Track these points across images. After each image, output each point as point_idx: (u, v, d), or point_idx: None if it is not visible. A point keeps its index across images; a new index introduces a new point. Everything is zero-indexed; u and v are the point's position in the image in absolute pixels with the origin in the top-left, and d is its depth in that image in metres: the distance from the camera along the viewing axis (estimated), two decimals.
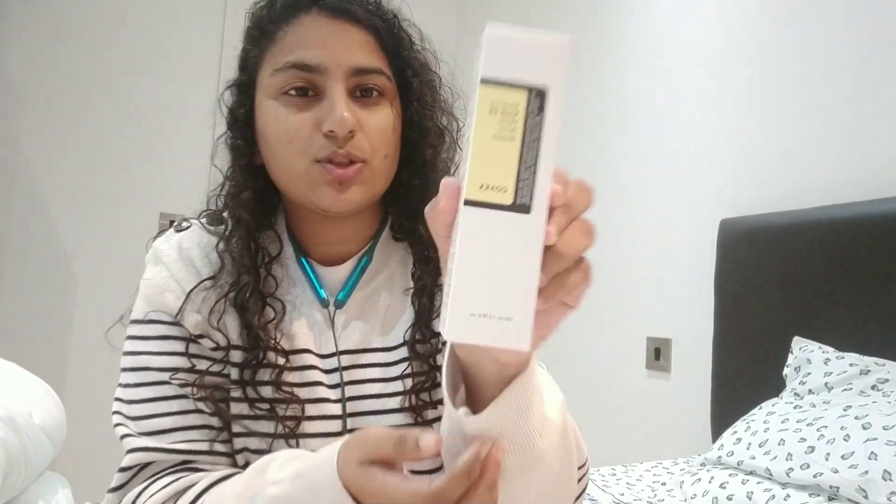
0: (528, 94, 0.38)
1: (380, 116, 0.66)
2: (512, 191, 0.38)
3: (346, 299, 0.70)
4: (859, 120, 1.57)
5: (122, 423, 0.63)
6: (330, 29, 0.65)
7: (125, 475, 0.62)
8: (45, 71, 2.47)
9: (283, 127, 0.64)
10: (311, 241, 0.72)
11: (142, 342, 0.65)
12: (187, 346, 0.65)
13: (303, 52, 0.64)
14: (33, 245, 2.43)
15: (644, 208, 2.11)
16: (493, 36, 0.38)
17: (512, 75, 0.38)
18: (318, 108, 0.64)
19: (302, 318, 0.69)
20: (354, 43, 0.65)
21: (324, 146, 0.63)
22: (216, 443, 0.64)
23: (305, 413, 0.65)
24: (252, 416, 0.64)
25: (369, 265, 0.72)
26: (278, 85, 0.65)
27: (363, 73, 0.65)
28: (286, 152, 0.64)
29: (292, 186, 0.66)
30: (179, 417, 0.63)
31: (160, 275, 0.67)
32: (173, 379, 0.64)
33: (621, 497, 1.31)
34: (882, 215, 1.42)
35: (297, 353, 0.67)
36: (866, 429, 1.08)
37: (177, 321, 0.65)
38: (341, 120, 0.62)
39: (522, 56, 0.38)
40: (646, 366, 2.05)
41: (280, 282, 0.68)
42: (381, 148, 0.66)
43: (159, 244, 0.70)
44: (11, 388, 1.04)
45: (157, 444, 0.62)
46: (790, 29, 1.74)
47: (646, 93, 2.16)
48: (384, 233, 0.74)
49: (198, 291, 0.66)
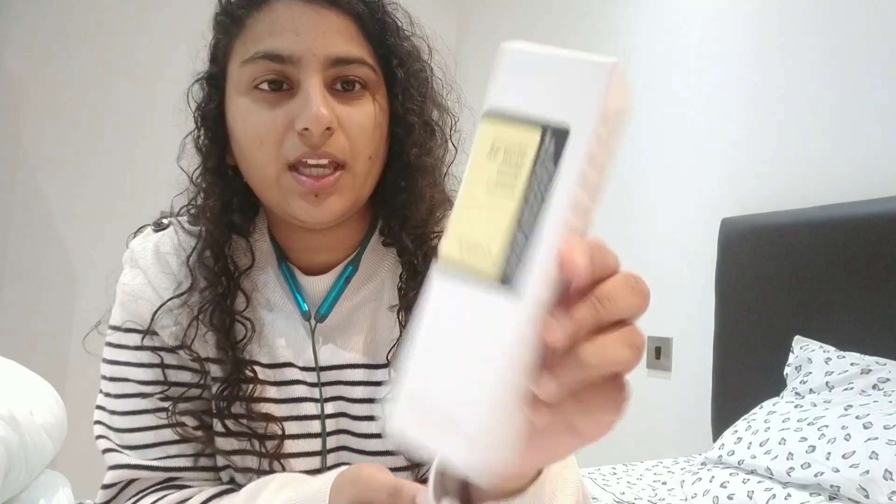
0: (542, 134, 0.28)
1: (362, 112, 0.58)
2: (497, 259, 0.28)
3: (329, 313, 0.63)
4: (860, 120, 1.57)
5: (104, 436, 0.61)
6: (305, 14, 0.57)
7: (109, 492, 0.60)
8: (45, 70, 2.47)
9: (252, 126, 0.57)
10: (293, 248, 0.65)
11: (120, 351, 0.62)
12: (163, 359, 0.61)
13: (274, 41, 0.56)
14: (33, 245, 2.44)
15: (645, 208, 2.11)
16: (510, 53, 0.30)
17: (525, 107, 0.29)
18: (291, 104, 0.56)
19: (283, 330, 0.63)
20: (333, 29, 0.57)
21: (296, 146, 0.56)
22: (201, 457, 0.62)
23: (288, 431, 0.61)
24: (234, 433, 0.61)
25: (354, 275, 0.65)
26: (248, 78, 0.57)
27: (342, 64, 0.57)
28: (257, 155, 0.57)
29: (265, 193, 0.59)
30: (161, 432, 0.60)
31: (136, 280, 0.64)
32: (152, 392, 0.61)
33: (622, 496, 1.31)
34: (882, 215, 1.42)
35: (278, 367, 0.63)
36: (867, 428, 1.08)
37: (154, 331, 0.62)
38: (317, 116, 0.54)
39: (545, 82, 0.29)
40: (646, 365, 2.05)
41: (250, 295, 0.62)
42: (364, 149, 0.58)
43: (136, 245, 0.66)
44: (12, 387, 1.04)
45: (140, 460, 0.60)
46: (790, 29, 1.74)
47: (646, 93, 2.15)
48: (372, 239, 0.66)
49: (174, 301, 0.61)
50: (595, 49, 2.35)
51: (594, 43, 2.38)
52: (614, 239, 1.88)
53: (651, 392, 2.03)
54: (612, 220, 2.20)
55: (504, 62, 0.30)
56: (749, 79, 1.83)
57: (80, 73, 2.52)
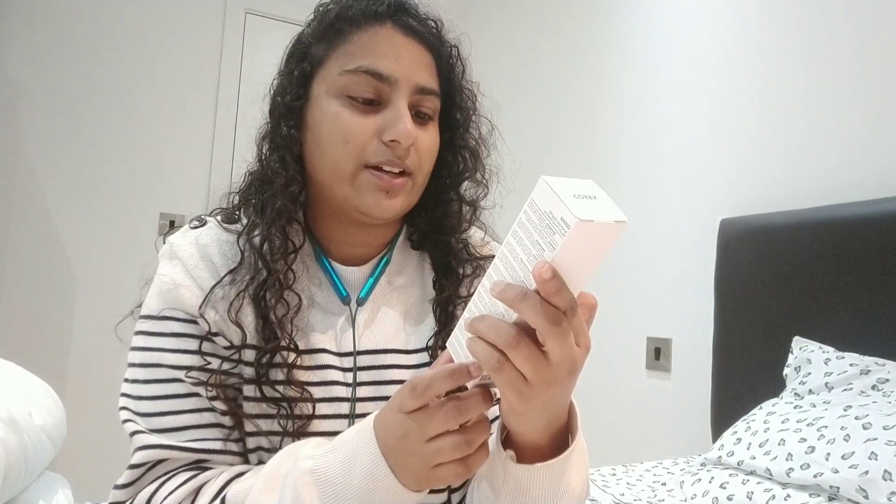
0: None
1: (430, 136, 0.69)
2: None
3: (368, 297, 0.71)
4: (859, 120, 1.57)
5: (131, 420, 0.62)
6: (403, 44, 0.67)
7: (135, 472, 0.61)
8: (45, 71, 2.47)
9: (341, 127, 0.65)
10: (333, 240, 0.72)
11: (154, 338, 0.64)
12: (201, 344, 0.64)
13: (376, 60, 0.65)
14: (33, 245, 2.43)
15: (644, 208, 2.11)
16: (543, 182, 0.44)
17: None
18: (381, 116, 0.65)
19: (320, 317, 0.69)
20: (422, 62, 0.68)
21: (381, 153, 0.65)
22: (229, 441, 0.64)
23: (319, 412, 0.65)
24: (264, 415, 0.64)
25: (389, 266, 0.74)
26: (345, 85, 0.65)
27: (424, 93, 0.68)
28: (339, 152, 0.65)
29: (335, 185, 0.67)
30: (193, 415, 0.62)
31: (175, 270, 0.66)
32: (187, 377, 0.63)
33: (621, 497, 1.31)
34: (882, 215, 1.42)
35: (313, 353, 0.67)
36: (866, 429, 1.08)
37: (192, 318, 0.65)
38: (407, 132, 0.64)
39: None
40: (646, 366, 2.05)
41: (299, 277, 0.68)
42: (427, 165, 0.69)
43: (175, 239, 0.69)
44: (11, 388, 1.04)
45: (170, 441, 0.61)
46: (790, 29, 1.74)
47: (646, 93, 2.16)
48: (400, 239, 0.76)
49: (216, 289, 0.65)
50: (596, 48, 2.36)
51: (594, 43, 2.38)
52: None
53: (650, 393, 2.03)
54: None
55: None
56: (749, 79, 1.84)
57: (79, 75, 2.52)
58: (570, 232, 0.41)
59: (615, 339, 2.16)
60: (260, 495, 0.55)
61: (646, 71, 2.16)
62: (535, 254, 0.44)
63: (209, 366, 0.64)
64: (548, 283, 0.43)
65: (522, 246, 0.45)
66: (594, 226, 0.41)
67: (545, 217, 0.43)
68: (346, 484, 0.52)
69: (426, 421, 0.51)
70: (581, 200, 0.42)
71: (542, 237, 0.43)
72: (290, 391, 0.64)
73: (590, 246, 0.42)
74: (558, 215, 0.42)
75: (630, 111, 2.21)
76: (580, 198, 0.42)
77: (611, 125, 2.28)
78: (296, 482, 0.53)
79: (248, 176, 0.72)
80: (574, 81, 2.46)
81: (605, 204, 0.43)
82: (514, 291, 0.45)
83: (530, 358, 0.46)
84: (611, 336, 2.17)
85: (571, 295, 0.44)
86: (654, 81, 2.13)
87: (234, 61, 2.78)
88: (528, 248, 0.45)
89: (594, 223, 0.40)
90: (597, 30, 2.38)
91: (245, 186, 0.72)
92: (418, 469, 0.52)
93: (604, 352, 2.18)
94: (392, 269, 0.74)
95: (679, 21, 2.06)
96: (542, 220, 0.43)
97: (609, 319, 2.17)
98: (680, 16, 2.06)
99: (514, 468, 0.56)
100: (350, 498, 0.52)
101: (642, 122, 2.16)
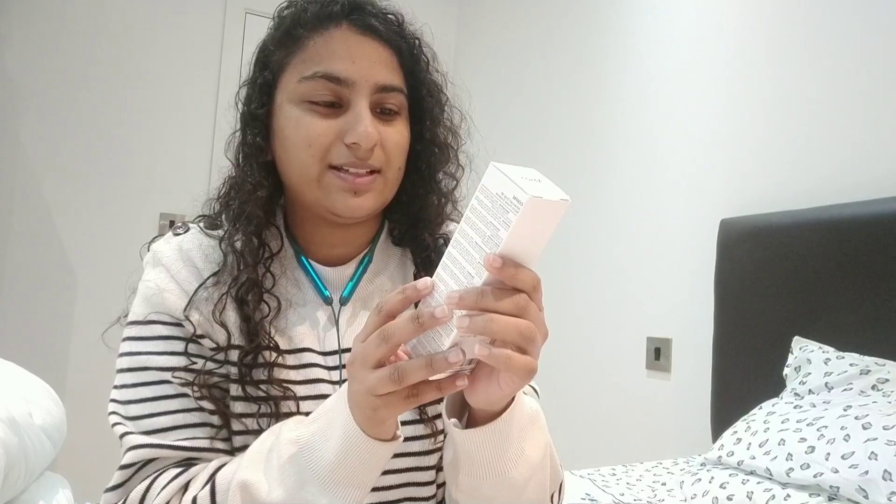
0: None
1: (396, 131, 0.69)
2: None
3: (350, 296, 0.72)
4: (859, 120, 1.57)
5: (120, 423, 0.64)
6: (359, 44, 0.67)
7: (126, 472, 0.62)
8: (45, 70, 2.47)
9: (303, 132, 0.66)
10: (312, 242, 0.73)
11: (141, 343, 0.66)
12: (187, 345, 0.65)
13: (332, 64, 0.65)
14: (33, 245, 2.43)
15: (644, 208, 2.11)
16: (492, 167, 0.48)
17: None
18: (342, 119, 0.66)
19: (302, 318, 0.70)
20: (380, 60, 0.68)
21: (344, 155, 0.65)
22: (217, 440, 0.65)
23: (304, 409, 0.65)
24: (251, 414, 0.65)
25: (370, 265, 0.74)
26: (304, 92, 0.66)
27: (386, 91, 0.68)
28: (303, 155, 0.66)
29: (305, 188, 0.67)
30: (181, 415, 0.64)
31: (160, 276, 0.68)
32: (174, 377, 0.64)
33: (621, 497, 1.31)
34: (882, 215, 1.42)
35: (297, 352, 0.68)
36: (866, 429, 1.08)
37: (177, 321, 0.66)
38: (367, 134, 0.64)
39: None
40: (646, 366, 2.05)
41: (278, 279, 0.69)
42: (396, 161, 0.69)
43: (158, 246, 0.71)
44: (11, 389, 1.04)
45: (160, 440, 0.62)
46: (791, 29, 1.74)
47: (646, 93, 2.16)
48: (382, 236, 0.77)
49: (199, 291, 0.67)
50: (596, 48, 2.36)
51: (594, 43, 2.38)
52: (614, 240, 1.88)
53: (650, 393, 2.03)
54: (612, 221, 2.21)
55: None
56: (749, 79, 1.84)
57: (79, 75, 2.52)
58: (522, 208, 0.44)
59: (615, 339, 2.16)
60: (246, 470, 0.57)
61: (646, 71, 2.16)
62: (490, 234, 0.46)
63: (195, 366, 0.65)
64: (503, 270, 0.45)
65: (476, 229, 0.48)
66: (544, 202, 0.44)
67: (497, 199, 0.46)
68: (326, 448, 0.54)
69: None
70: (529, 182, 0.45)
71: (495, 217, 0.46)
72: (274, 390, 0.65)
73: (540, 223, 0.46)
74: (510, 195, 0.45)
75: (630, 111, 2.21)
76: (528, 180, 0.45)
77: (611, 125, 2.28)
78: (280, 451, 0.56)
79: (227, 182, 0.73)
80: (573, 81, 2.46)
81: (550, 186, 0.46)
82: (470, 295, 0.46)
83: (537, 317, 0.48)
84: (611, 336, 2.17)
85: (532, 272, 0.47)
86: (655, 81, 2.13)
87: (234, 61, 2.77)
88: (482, 229, 0.47)
89: (544, 199, 0.44)
90: (596, 29, 2.38)
91: (224, 192, 0.73)
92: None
93: (604, 352, 2.18)
94: (374, 268, 0.75)
95: (679, 21, 2.06)
96: (495, 202, 0.46)
97: (609, 319, 2.17)
98: (680, 16, 2.06)
99: (458, 434, 0.57)
100: (329, 461, 0.54)
101: (642, 122, 2.16)
